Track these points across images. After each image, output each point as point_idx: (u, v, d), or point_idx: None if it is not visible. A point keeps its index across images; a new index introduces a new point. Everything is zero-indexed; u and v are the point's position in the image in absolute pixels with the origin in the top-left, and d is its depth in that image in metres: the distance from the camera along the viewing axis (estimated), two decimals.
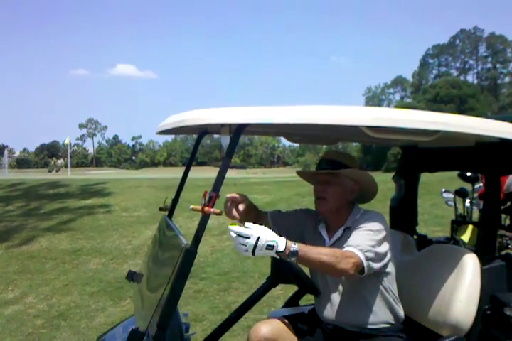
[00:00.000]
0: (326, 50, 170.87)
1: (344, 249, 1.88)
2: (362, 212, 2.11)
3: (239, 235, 1.62)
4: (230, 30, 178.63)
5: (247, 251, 1.62)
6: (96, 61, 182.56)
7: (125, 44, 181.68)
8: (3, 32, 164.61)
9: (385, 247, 1.97)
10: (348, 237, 2.00)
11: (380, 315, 2.05)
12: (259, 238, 1.63)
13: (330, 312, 2.11)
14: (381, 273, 2.03)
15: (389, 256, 2.02)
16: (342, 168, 2.09)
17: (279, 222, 2.22)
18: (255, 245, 1.62)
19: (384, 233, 1.98)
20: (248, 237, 1.62)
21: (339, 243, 2.07)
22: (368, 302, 2.04)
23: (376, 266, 1.93)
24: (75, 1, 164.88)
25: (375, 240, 1.93)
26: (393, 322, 2.07)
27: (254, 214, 2.16)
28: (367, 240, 1.91)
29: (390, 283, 2.07)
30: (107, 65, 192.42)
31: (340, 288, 2.10)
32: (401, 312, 2.11)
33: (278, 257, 1.71)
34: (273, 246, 1.65)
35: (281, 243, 1.68)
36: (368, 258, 1.87)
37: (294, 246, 1.72)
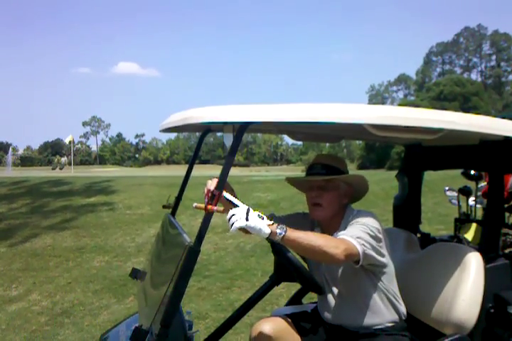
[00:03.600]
0: (328, 47, 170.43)
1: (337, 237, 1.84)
2: (355, 213, 2.07)
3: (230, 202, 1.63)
4: (234, 28, 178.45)
5: (238, 219, 1.56)
6: (97, 59, 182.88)
7: (126, 42, 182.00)
8: (4, 31, 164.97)
9: (380, 242, 1.93)
10: None
11: (381, 315, 2.04)
12: (249, 209, 1.60)
13: (331, 312, 2.11)
14: (380, 273, 2.02)
15: (387, 254, 2.01)
16: (336, 172, 2.08)
17: None
18: (247, 213, 1.58)
19: (378, 228, 1.93)
20: (238, 206, 1.62)
21: None
22: (368, 303, 2.02)
23: (372, 253, 1.87)
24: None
25: (369, 234, 1.87)
26: (395, 320, 2.06)
27: None
28: (360, 231, 1.87)
29: (389, 282, 2.06)
30: (108, 63, 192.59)
31: (339, 288, 2.09)
32: (403, 310, 2.10)
33: (267, 235, 1.61)
34: (263, 217, 1.62)
35: (268, 219, 1.64)
36: (361, 244, 1.81)
37: (282, 225, 1.67)
